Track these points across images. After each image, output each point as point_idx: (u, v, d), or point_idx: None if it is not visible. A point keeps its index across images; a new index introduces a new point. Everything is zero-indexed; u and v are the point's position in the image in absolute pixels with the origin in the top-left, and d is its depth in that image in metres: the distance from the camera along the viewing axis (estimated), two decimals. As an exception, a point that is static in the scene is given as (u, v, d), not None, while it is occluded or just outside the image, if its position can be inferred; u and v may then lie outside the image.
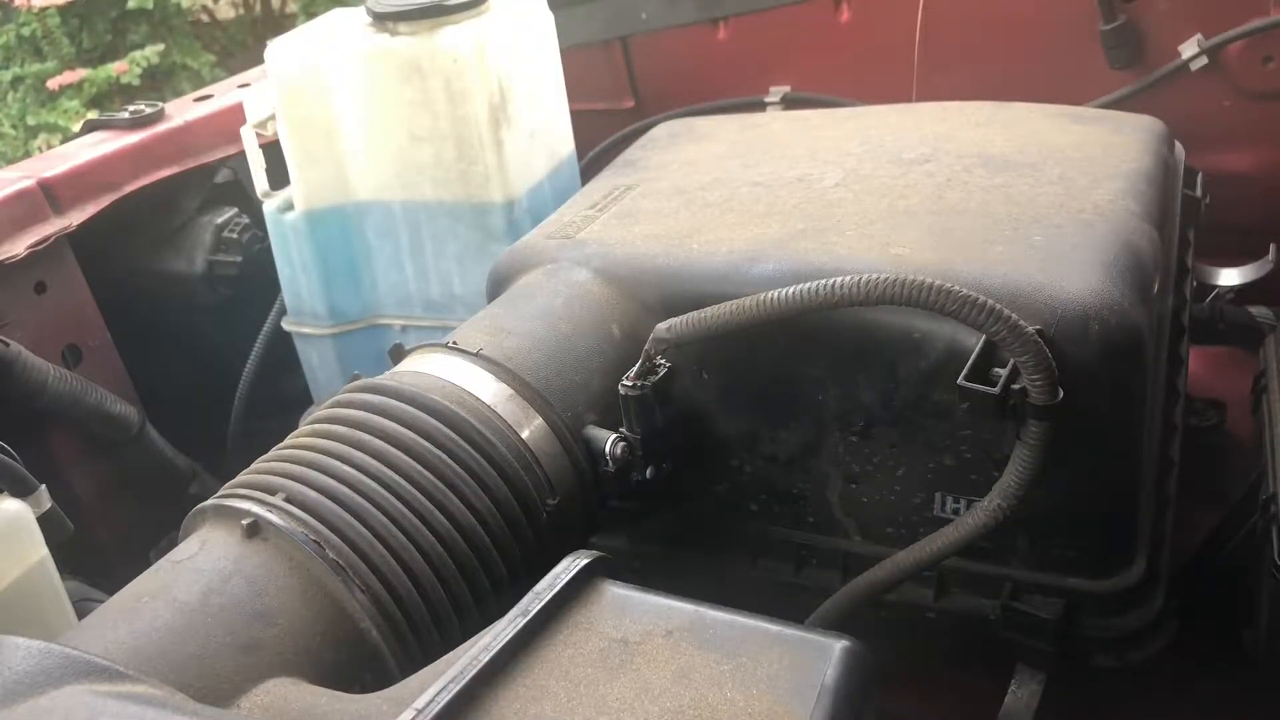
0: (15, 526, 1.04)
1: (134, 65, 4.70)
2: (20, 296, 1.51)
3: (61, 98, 4.75)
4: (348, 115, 1.48)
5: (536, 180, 1.56)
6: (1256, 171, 1.74)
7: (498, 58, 1.46)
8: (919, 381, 1.03)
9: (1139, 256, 1.07)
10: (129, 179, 1.65)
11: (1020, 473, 0.94)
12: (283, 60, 1.47)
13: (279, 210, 1.56)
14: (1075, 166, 1.23)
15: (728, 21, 2.02)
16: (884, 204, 1.18)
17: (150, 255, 1.74)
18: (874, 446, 1.09)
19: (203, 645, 0.79)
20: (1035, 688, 1.06)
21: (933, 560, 1.00)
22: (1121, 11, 1.74)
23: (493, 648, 0.71)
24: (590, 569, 0.78)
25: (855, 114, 1.54)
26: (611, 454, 1.04)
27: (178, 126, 1.73)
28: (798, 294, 0.95)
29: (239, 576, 0.84)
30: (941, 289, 0.90)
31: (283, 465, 0.94)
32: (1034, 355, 0.91)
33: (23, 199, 1.53)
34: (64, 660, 0.67)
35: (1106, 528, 1.06)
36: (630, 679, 0.70)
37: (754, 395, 1.12)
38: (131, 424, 1.59)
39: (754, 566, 1.20)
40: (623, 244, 1.21)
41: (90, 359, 1.61)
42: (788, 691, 0.68)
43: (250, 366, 1.71)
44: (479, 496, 0.96)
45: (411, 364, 1.09)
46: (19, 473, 1.13)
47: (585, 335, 1.12)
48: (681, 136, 1.54)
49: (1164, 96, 1.74)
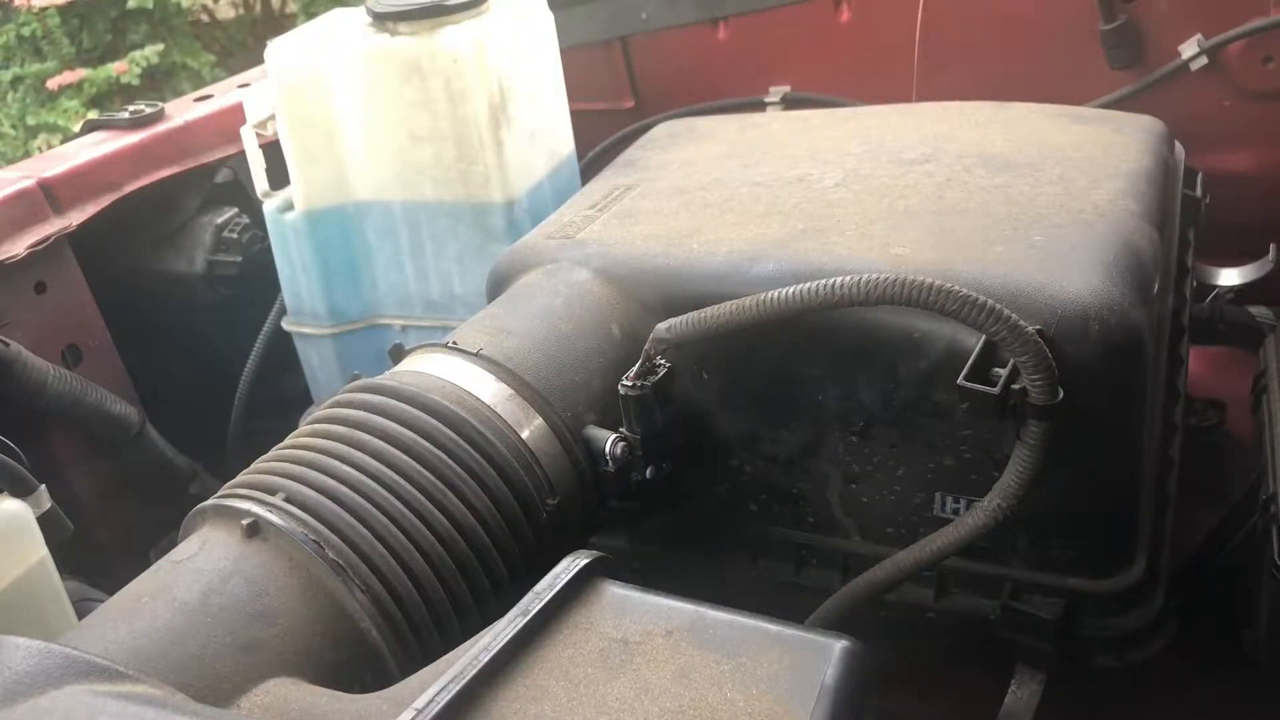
0: (15, 526, 1.04)
1: (133, 65, 4.70)
2: (20, 296, 1.51)
3: (61, 98, 4.75)
4: (348, 115, 1.48)
5: (536, 180, 1.56)
6: (1256, 171, 1.74)
7: (498, 58, 1.46)
8: (919, 381, 1.03)
9: (1139, 256, 1.07)
10: (129, 179, 1.65)
11: (1020, 473, 0.94)
12: (283, 60, 1.47)
13: (279, 210, 1.56)
14: (1075, 166, 1.23)
15: (728, 21, 2.02)
16: (884, 204, 1.18)
17: (150, 255, 1.74)
18: (874, 446, 1.08)
19: (203, 645, 0.79)
20: (1035, 688, 1.06)
21: (933, 560, 1.00)
22: (1121, 11, 1.74)
23: (493, 648, 0.71)
24: (590, 569, 0.78)
25: (855, 114, 1.54)
26: (611, 454, 1.04)
27: (178, 126, 1.73)
28: (797, 294, 0.95)
29: (239, 576, 0.84)
30: (941, 289, 0.90)
31: (283, 465, 0.94)
32: (1034, 355, 0.91)
33: (23, 199, 1.53)
34: (64, 660, 0.67)
35: (1106, 528, 1.06)
36: (630, 679, 0.70)
37: (754, 395, 1.12)
38: (131, 424, 1.59)
39: (754, 566, 1.20)
40: (623, 244, 1.21)
41: (90, 359, 1.61)
42: (788, 691, 0.68)
43: (250, 366, 1.71)
44: (479, 496, 0.96)
45: (411, 364, 1.09)
46: (19, 473, 1.13)
47: (585, 335, 1.12)
48: (681, 137, 1.54)
49: (1164, 96, 1.74)
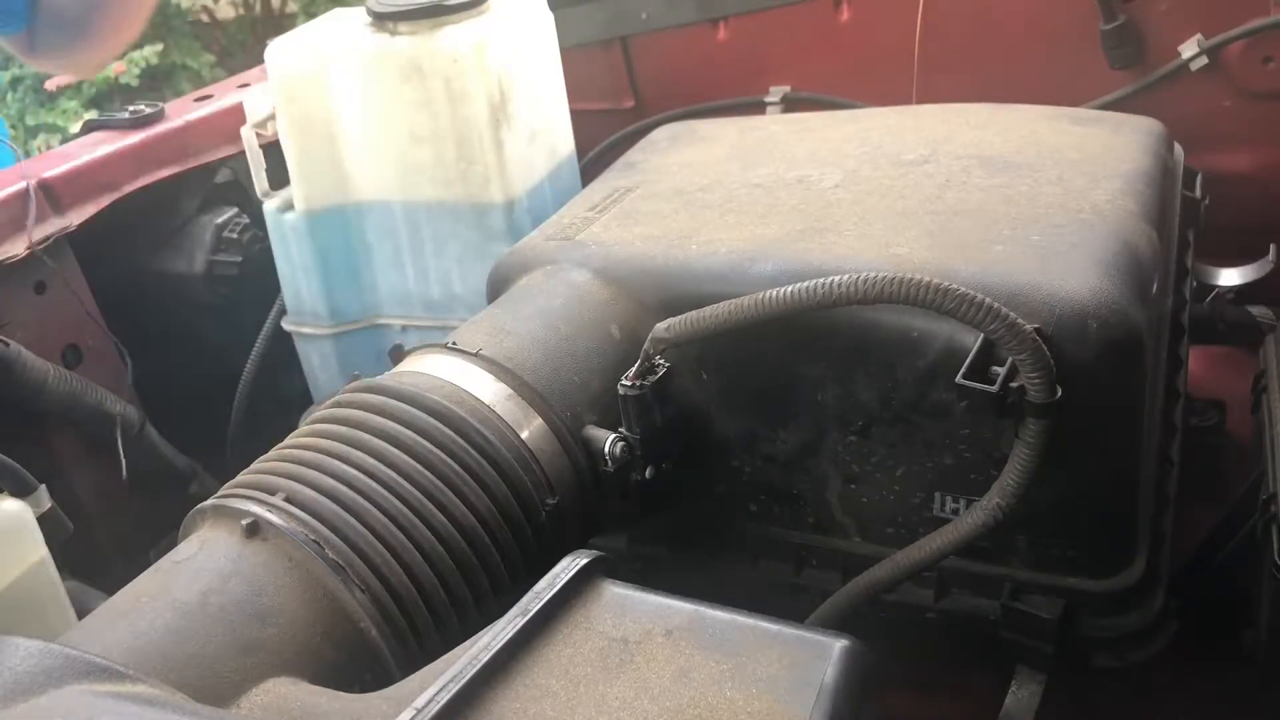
0: (15, 526, 1.04)
1: (132, 65, 4.70)
2: (20, 296, 1.51)
3: (60, 98, 4.75)
4: (348, 115, 1.48)
5: (536, 180, 1.56)
6: (1256, 171, 1.74)
7: (498, 58, 1.46)
8: (918, 380, 1.03)
9: (1137, 256, 1.07)
10: (129, 179, 1.65)
11: (1019, 471, 0.94)
12: (283, 60, 1.47)
13: (279, 210, 1.56)
14: (1074, 167, 1.23)
15: (728, 21, 2.02)
16: (883, 204, 1.19)
17: (150, 255, 1.74)
18: (873, 446, 1.09)
19: (203, 645, 0.79)
20: (1035, 688, 1.06)
21: (933, 559, 1.00)
22: (1121, 11, 1.74)
23: (493, 647, 0.71)
24: (590, 568, 0.78)
25: (854, 116, 1.55)
26: (610, 454, 1.04)
27: (178, 126, 1.73)
28: (796, 293, 0.95)
29: (239, 576, 0.84)
30: (939, 287, 0.90)
31: (282, 465, 0.94)
32: (1032, 353, 0.91)
33: (23, 199, 1.53)
34: (64, 660, 0.67)
35: (1106, 527, 1.06)
36: (630, 678, 0.70)
37: (753, 395, 1.12)
38: (131, 424, 1.59)
39: (754, 567, 1.20)
40: (622, 245, 1.21)
41: (90, 359, 1.61)
42: (787, 691, 0.68)
43: (250, 366, 1.71)
44: (479, 496, 0.96)
45: (411, 364, 1.09)
46: (19, 473, 1.13)
47: (585, 336, 1.12)
48: (681, 139, 1.54)
49: (1164, 97, 1.74)
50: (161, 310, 1.75)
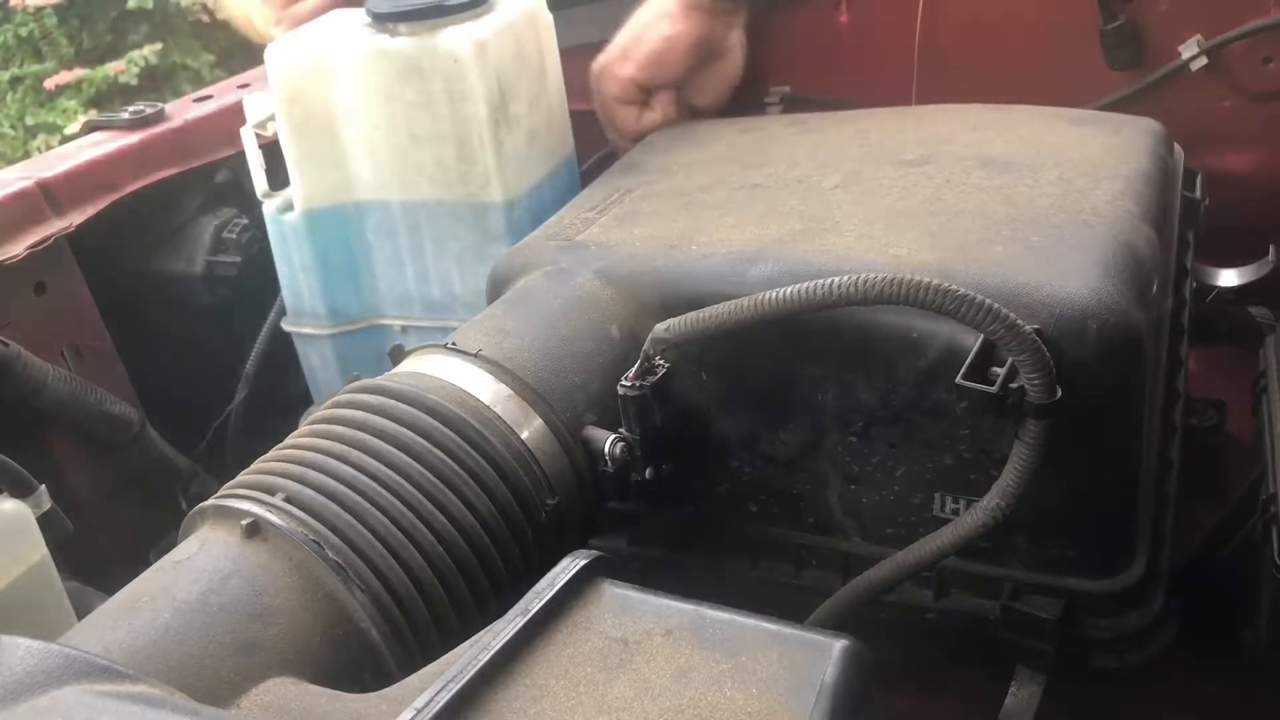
0: (15, 526, 1.04)
1: (131, 65, 4.70)
2: (20, 297, 1.51)
3: (60, 98, 4.75)
4: (348, 116, 1.48)
5: (536, 181, 1.56)
6: (1256, 172, 1.74)
7: (498, 58, 1.46)
8: (918, 381, 1.03)
9: (1137, 257, 1.08)
10: (129, 179, 1.65)
11: (1019, 472, 0.94)
12: (283, 60, 1.47)
13: (279, 210, 1.56)
14: (1074, 168, 1.23)
15: (727, 22, 2.02)
16: (883, 205, 1.19)
17: (150, 255, 1.74)
18: (873, 447, 1.09)
19: (203, 645, 0.79)
20: (1035, 688, 1.06)
21: (933, 559, 1.00)
22: (1121, 12, 1.74)
23: (492, 647, 0.71)
24: (590, 569, 0.78)
25: (854, 117, 1.54)
26: (610, 454, 1.04)
27: (178, 127, 1.73)
28: (795, 294, 0.95)
29: (239, 576, 0.84)
30: (938, 288, 0.90)
31: (282, 465, 0.94)
32: (1031, 354, 0.91)
33: (22, 199, 1.52)
34: (64, 660, 0.67)
35: (1106, 527, 1.06)
36: (630, 678, 0.70)
37: (753, 395, 1.12)
38: (131, 424, 1.59)
39: (754, 567, 1.20)
40: (622, 246, 1.21)
41: (90, 359, 1.61)
42: (787, 690, 0.68)
43: (250, 367, 1.71)
44: (479, 496, 0.96)
45: (411, 365, 1.09)
46: (19, 473, 1.13)
47: (584, 336, 1.12)
48: (681, 139, 1.54)
49: (1164, 97, 1.73)
50: (161, 311, 1.75)
